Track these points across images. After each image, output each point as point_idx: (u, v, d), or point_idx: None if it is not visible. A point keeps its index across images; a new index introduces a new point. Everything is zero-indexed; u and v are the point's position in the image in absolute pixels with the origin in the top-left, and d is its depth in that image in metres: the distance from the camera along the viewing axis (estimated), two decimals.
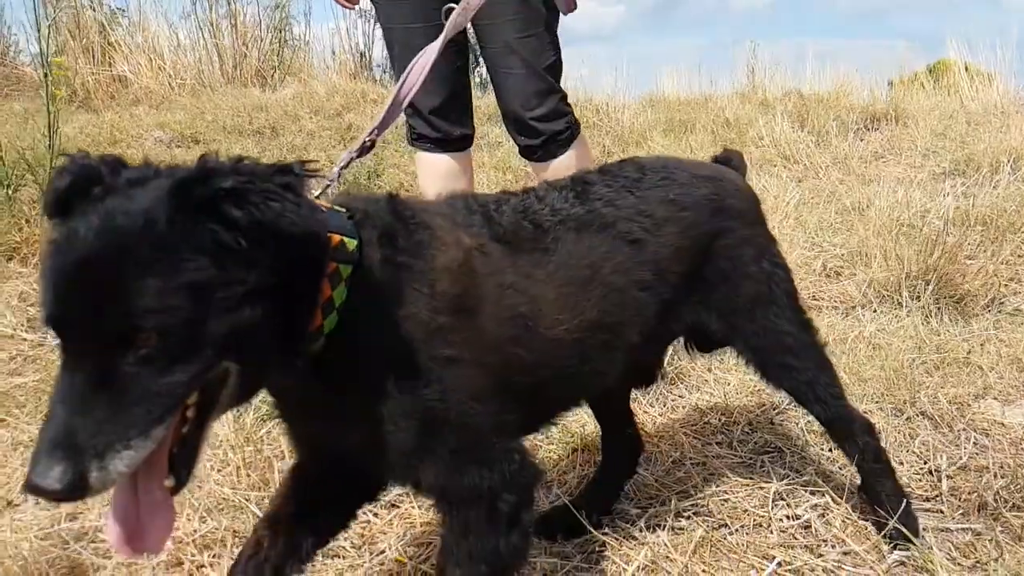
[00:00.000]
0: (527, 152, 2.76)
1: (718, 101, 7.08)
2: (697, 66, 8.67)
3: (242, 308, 0.98)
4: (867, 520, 1.86)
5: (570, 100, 2.77)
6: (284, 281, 1.03)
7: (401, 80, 1.64)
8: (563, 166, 2.64)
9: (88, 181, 1.01)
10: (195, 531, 1.82)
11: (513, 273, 1.35)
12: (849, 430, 1.78)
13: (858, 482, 1.88)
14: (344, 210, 1.21)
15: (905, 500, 1.79)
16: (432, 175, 2.89)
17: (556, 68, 2.66)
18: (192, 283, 0.94)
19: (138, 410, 0.93)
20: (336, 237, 1.14)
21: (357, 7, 3.33)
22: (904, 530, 1.74)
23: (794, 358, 1.70)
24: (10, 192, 3.61)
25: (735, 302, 1.64)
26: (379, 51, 10.94)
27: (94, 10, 8.99)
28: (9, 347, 2.81)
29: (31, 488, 0.90)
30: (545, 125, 2.64)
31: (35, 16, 8.43)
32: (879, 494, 1.80)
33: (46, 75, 3.67)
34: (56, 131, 3.73)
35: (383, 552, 1.81)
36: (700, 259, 1.59)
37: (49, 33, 4.15)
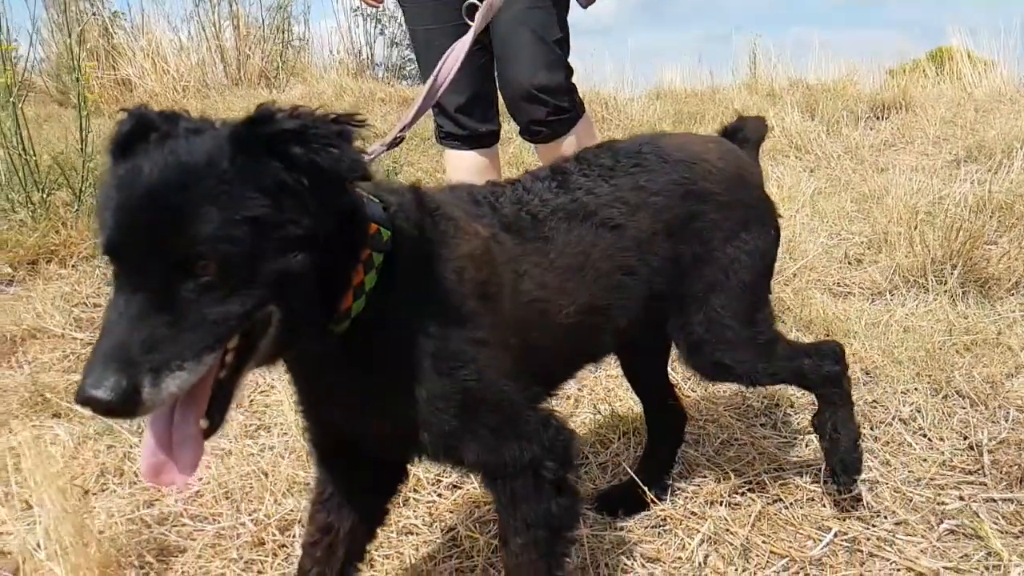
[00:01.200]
0: (531, 131, 2.74)
1: (725, 93, 7.15)
2: (697, 58, 8.74)
3: (294, 251, 1.03)
4: (916, 493, 1.93)
5: (576, 94, 2.83)
6: (330, 240, 1.08)
7: (433, 75, 1.68)
8: (567, 145, 2.63)
9: (148, 127, 1.06)
10: (274, 513, 1.90)
11: (525, 261, 1.42)
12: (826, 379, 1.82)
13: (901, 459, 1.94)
14: (379, 201, 1.26)
15: None
16: (461, 172, 2.95)
17: (564, 44, 2.65)
18: (252, 218, 1.00)
19: (192, 335, 0.97)
20: (373, 226, 1.20)
21: (380, 6, 3.39)
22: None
23: (732, 356, 1.66)
24: (45, 196, 3.66)
25: (693, 287, 1.62)
26: (380, 51, 11.05)
27: (95, 14, 9.03)
28: (61, 346, 2.87)
29: (83, 399, 0.92)
30: (550, 97, 2.62)
31: (50, 22, 8.55)
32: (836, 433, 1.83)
33: (77, 79, 3.72)
34: (87, 134, 3.78)
35: (453, 528, 1.88)
36: (677, 245, 1.59)
37: (71, 38, 4.18)
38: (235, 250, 0.98)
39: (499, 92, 2.87)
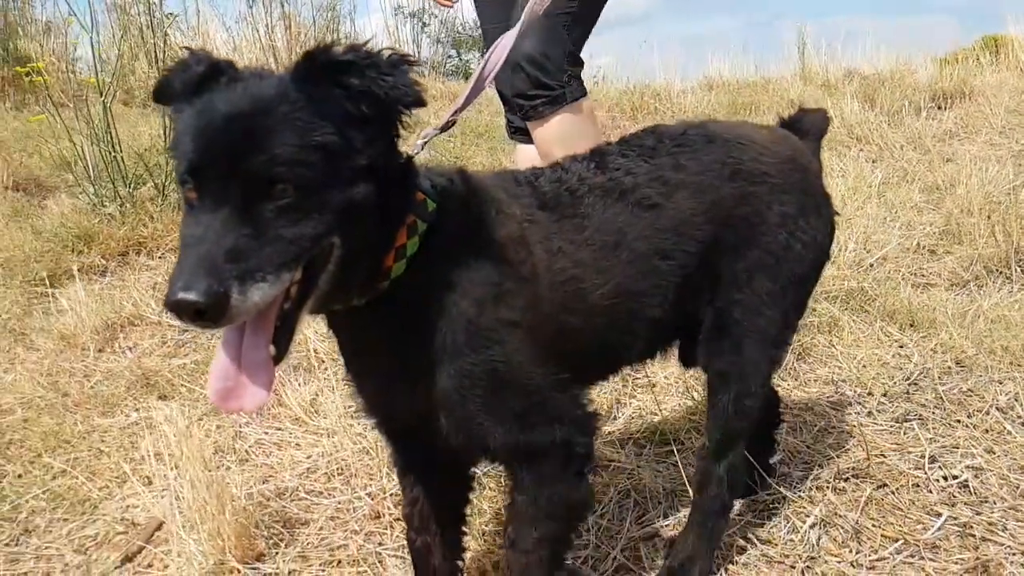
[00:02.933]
0: (515, 105, 2.62)
1: (779, 83, 7.07)
2: (741, 47, 8.62)
3: (358, 182, 1.10)
4: None
5: (624, 88, 2.78)
6: (384, 190, 1.14)
7: (483, 63, 1.69)
8: (553, 131, 2.53)
9: (217, 71, 1.14)
10: (388, 488, 1.97)
11: (559, 238, 1.41)
12: (721, 454, 1.62)
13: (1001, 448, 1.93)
14: (428, 177, 1.31)
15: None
16: (528, 164, 3.00)
17: (571, 25, 2.53)
18: (323, 144, 1.07)
19: (272, 250, 1.02)
20: (420, 195, 1.26)
21: (453, 7, 3.45)
22: None
23: (750, 345, 1.56)
24: (131, 191, 3.79)
25: (739, 270, 1.53)
26: (427, 49, 11.15)
27: (152, 15, 9.27)
28: (159, 333, 2.99)
29: (174, 303, 0.95)
30: (537, 71, 2.50)
31: (110, 24, 8.79)
32: (685, 548, 1.65)
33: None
34: (170, 131, 3.91)
35: None
36: (718, 227, 1.51)
37: (153, 37, 4.31)
38: (310, 174, 1.05)
39: None
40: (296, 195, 1.04)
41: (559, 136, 2.54)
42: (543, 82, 2.51)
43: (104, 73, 3.77)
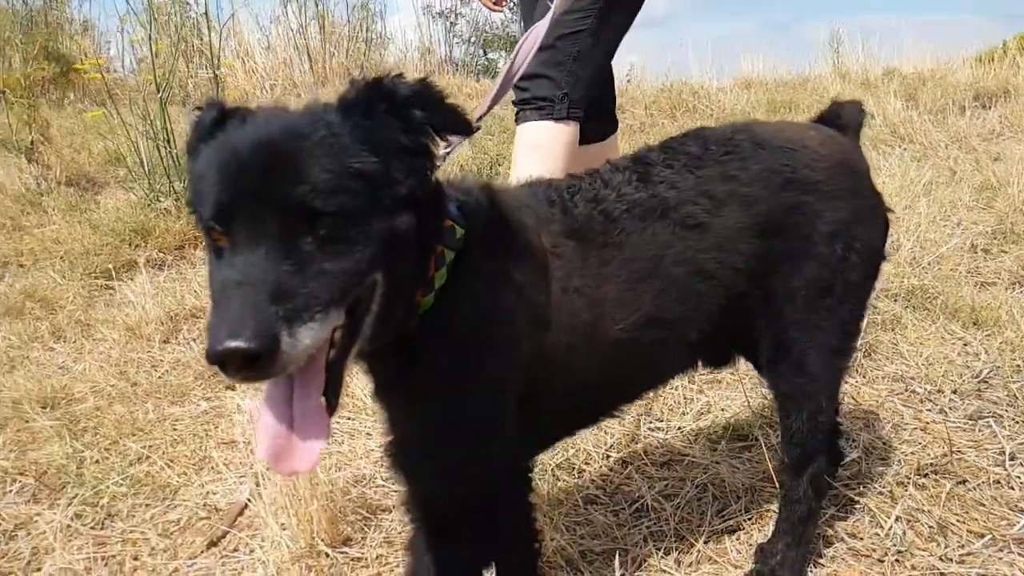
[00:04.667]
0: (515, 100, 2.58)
1: (817, 82, 7.02)
2: (771, 47, 8.56)
3: (400, 213, 1.02)
4: None
5: (662, 86, 2.72)
6: (418, 221, 1.06)
7: (511, 59, 1.68)
8: (530, 134, 2.49)
9: (230, 112, 1.07)
10: None
11: (581, 275, 1.31)
12: (805, 463, 1.59)
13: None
14: (453, 197, 1.22)
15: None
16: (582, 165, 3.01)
17: (580, 44, 2.46)
18: (363, 171, 0.98)
19: (317, 286, 0.93)
20: (448, 222, 1.17)
21: (502, 10, 3.47)
22: None
23: (813, 361, 1.50)
24: (186, 186, 3.85)
25: (793, 286, 1.45)
26: (454, 48, 11.21)
27: (189, 15, 9.39)
28: None
29: (218, 353, 0.84)
30: (526, 82, 2.47)
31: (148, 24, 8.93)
32: (775, 553, 1.63)
33: (215, 76, 3.90)
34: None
35: (639, 499, 1.94)
36: (768, 240, 1.42)
37: (211, 37, 4.38)
38: (352, 203, 0.97)
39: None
40: (338, 226, 0.96)
41: (533, 142, 2.50)
42: (539, 95, 2.49)
43: (146, 71, 3.85)
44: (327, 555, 1.77)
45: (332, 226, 0.95)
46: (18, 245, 3.91)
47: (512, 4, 3.31)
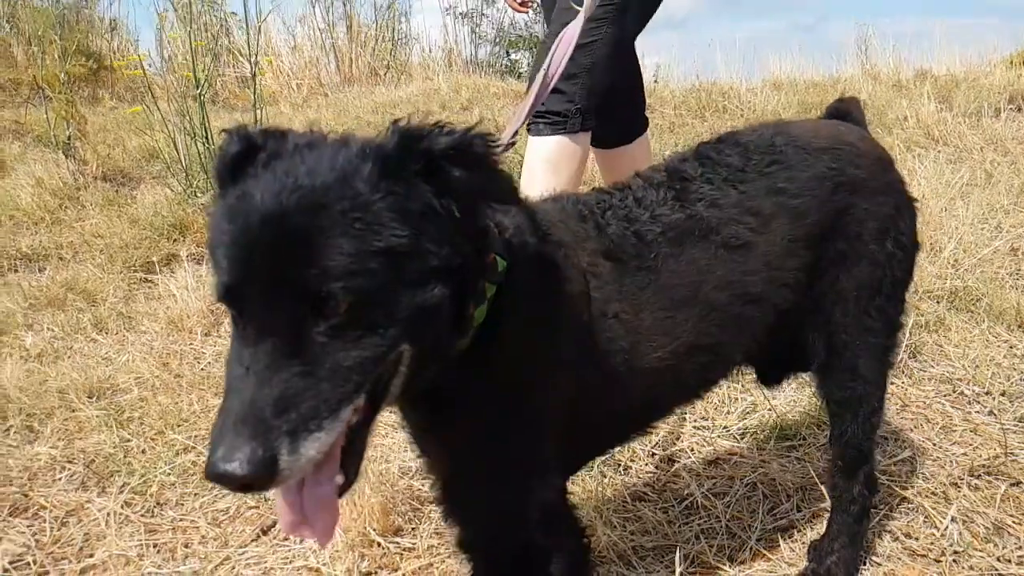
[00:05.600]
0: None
1: (849, 83, 6.96)
2: (798, 48, 8.50)
3: (430, 284, 0.91)
4: None
5: (691, 86, 2.69)
6: (463, 264, 0.95)
7: (547, 60, 1.63)
8: (541, 152, 2.47)
9: (254, 147, 0.95)
10: None
11: (619, 301, 1.23)
12: (857, 466, 1.57)
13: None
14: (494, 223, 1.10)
15: None
16: (616, 170, 3.00)
17: (594, 55, 2.42)
18: (389, 249, 0.87)
19: (328, 386, 0.85)
20: (491, 255, 1.06)
21: (529, 12, 3.47)
22: None
23: (866, 364, 1.47)
24: None
25: (843, 288, 1.41)
26: (475, 49, 11.26)
27: (214, 15, 9.50)
28: None
29: (215, 475, 0.80)
30: (552, 99, 2.37)
31: (176, 23, 9.03)
32: (830, 552, 1.61)
33: (254, 75, 3.94)
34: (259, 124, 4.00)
35: (688, 496, 1.93)
36: (817, 248, 1.37)
37: (248, 35, 4.41)
38: (370, 285, 0.85)
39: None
40: (353, 312, 0.86)
41: (547, 157, 2.48)
42: (553, 110, 2.47)
43: (185, 68, 3.90)
44: (379, 544, 1.78)
45: (349, 312, 0.85)
46: (58, 238, 3.97)
47: (535, 5, 3.31)
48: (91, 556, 1.93)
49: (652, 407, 1.42)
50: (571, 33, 1.65)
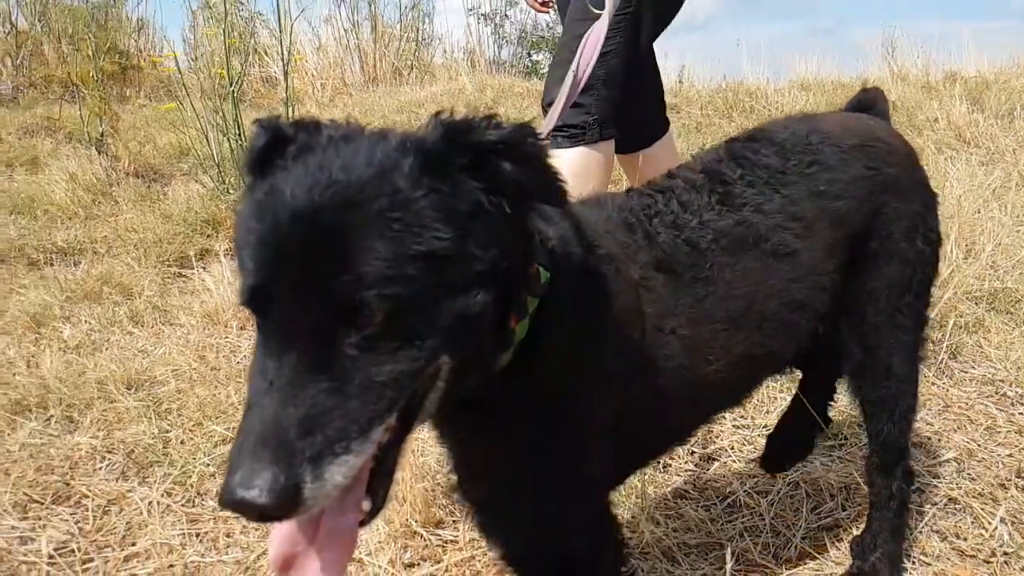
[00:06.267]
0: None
1: (879, 84, 6.89)
2: (819, 49, 8.44)
3: (473, 290, 0.84)
4: None
5: (717, 87, 2.66)
6: (508, 269, 0.89)
7: (575, 62, 1.61)
8: (564, 166, 2.40)
9: (284, 139, 0.88)
10: None
11: (675, 315, 1.18)
12: (894, 463, 1.55)
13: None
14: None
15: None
16: (640, 174, 2.99)
17: (607, 65, 2.38)
18: (430, 252, 0.79)
19: (358, 403, 0.77)
20: (534, 266, 0.99)
21: (550, 11, 3.46)
22: None
23: (899, 362, 1.45)
24: None
25: (874, 288, 1.39)
26: (497, 49, 11.28)
27: (241, 15, 9.59)
28: None
29: (231, 503, 0.73)
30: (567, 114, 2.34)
31: (202, 23, 9.12)
32: (874, 549, 1.59)
33: (286, 73, 3.96)
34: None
35: (731, 494, 1.92)
36: (851, 249, 1.35)
37: (281, 35, 4.44)
38: (408, 293, 0.78)
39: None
40: (387, 322, 0.78)
41: (569, 170, 2.48)
42: (570, 123, 2.44)
43: (218, 66, 3.94)
44: (421, 536, 1.78)
45: (384, 321, 0.78)
46: (92, 233, 4.02)
47: (555, 5, 3.30)
48: (133, 544, 1.95)
49: (701, 419, 1.41)
50: (598, 32, 1.63)
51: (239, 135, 3.87)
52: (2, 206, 4.39)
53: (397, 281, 0.77)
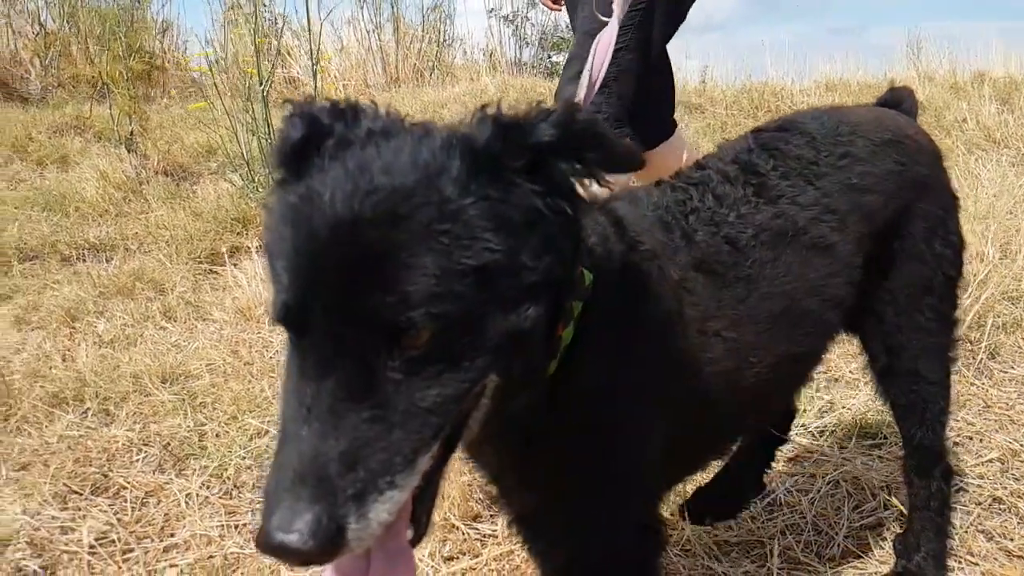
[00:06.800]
0: None
1: (909, 84, 6.82)
2: (842, 51, 8.38)
3: (524, 304, 0.77)
4: None
5: (742, 86, 2.62)
6: (562, 277, 0.83)
7: (588, 65, 1.57)
8: None
9: (319, 133, 0.81)
10: None
11: (718, 318, 1.13)
12: (931, 465, 1.54)
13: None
14: None
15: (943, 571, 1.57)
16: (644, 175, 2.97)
17: (621, 63, 2.34)
18: (481, 267, 0.73)
19: (402, 434, 0.72)
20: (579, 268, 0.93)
21: (562, 9, 3.46)
22: None
23: (925, 365, 1.43)
24: None
25: (895, 288, 1.37)
26: (528, 53, 11.31)
27: (265, 16, 9.67)
28: None
29: (270, 548, 0.67)
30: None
31: (227, 24, 9.22)
32: (917, 549, 1.57)
33: (315, 73, 3.99)
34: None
35: (770, 492, 1.91)
36: (877, 245, 1.33)
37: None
38: (456, 311, 0.72)
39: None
40: (435, 342, 0.72)
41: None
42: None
43: (236, 67, 3.98)
44: (460, 529, 1.78)
45: (429, 342, 0.72)
46: (123, 230, 4.07)
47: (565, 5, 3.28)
48: (172, 536, 1.96)
49: (741, 425, 1.38)
50: (607, 38, 1.62)
51: (269, 134, 3.90)
52: (34, 203, 4.45)
53: (444, 299, 0.71)
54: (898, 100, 1.57)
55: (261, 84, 3.84)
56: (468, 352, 0.75)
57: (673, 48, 2.87)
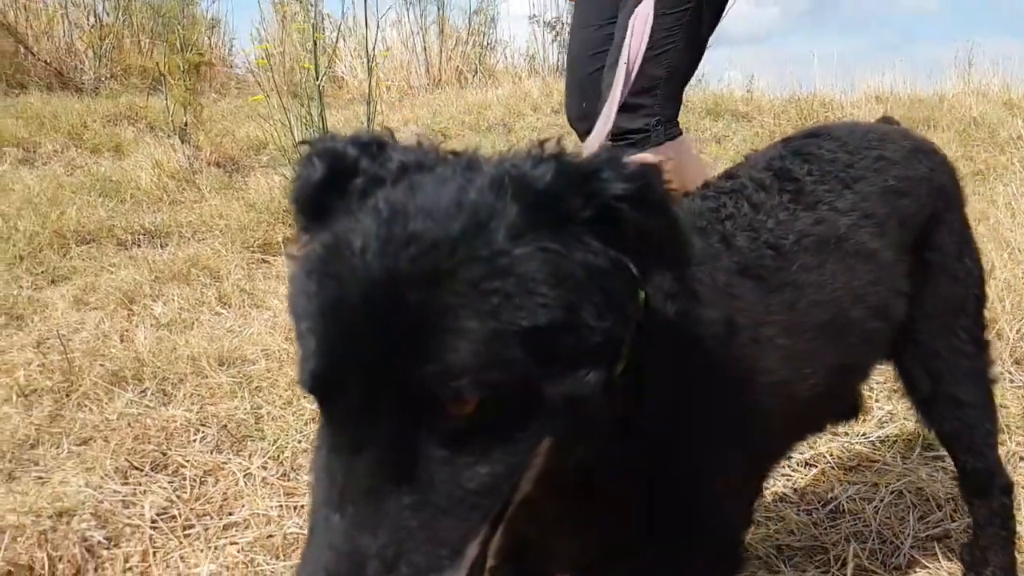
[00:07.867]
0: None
1: (958, 99, 6.72)
2: (894, 64, 8.27)
3: (584, 368, 0.68)
4: None
5: (790, 96, 2.55)
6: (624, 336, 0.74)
7: (625, 50, 1.52)
8: None
9: (346, 170, 0.72)
10: None
11: (769, 324, 1.06)
12: (988, 486, 1.50)
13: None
14: None
15: None
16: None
17: (670, 61, 2.28)
18: (535, 329, 0.63)
19: (449, 522, 0.64)
20: None
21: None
22: None
23: (966, 390, 1.39)
24: None
25: (929, 307, 1.32)
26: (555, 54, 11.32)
27: (310, 15, 9.82)
28: None
29: None
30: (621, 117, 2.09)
31: (276, 23, 9.38)
32: (986, 563, 1.53)
33: (370, 70, 4.05)
34: (373, 119, 4.11)
35: (832, 499, 1.88)
36: (913, 257, 1.29)
37: (367, 37, 4.53)
38: (507, 378, 0.63)
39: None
40: (482, 413, 0.63)
41: None
42: (632, 128, 2.31)
43: (281, 63, 4.06)
44: None
45: (476, 413, 0.63)
46: (177, 217, 4.16)
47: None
48: (231, 514, 1.99)
49: (796, 439, 1.33)
50: (644, 12, 1.55)
51: (323, 127, 3.96)
52: (91, 188, 4.56)
53: (493, 366, 0.62)
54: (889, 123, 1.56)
55: (317, 79, 3.90)
56: (519, 423, 0.66)
57: (716, 58, 2.84)
